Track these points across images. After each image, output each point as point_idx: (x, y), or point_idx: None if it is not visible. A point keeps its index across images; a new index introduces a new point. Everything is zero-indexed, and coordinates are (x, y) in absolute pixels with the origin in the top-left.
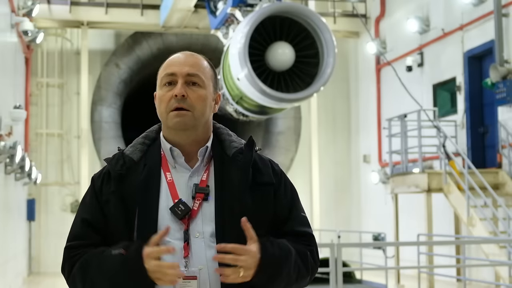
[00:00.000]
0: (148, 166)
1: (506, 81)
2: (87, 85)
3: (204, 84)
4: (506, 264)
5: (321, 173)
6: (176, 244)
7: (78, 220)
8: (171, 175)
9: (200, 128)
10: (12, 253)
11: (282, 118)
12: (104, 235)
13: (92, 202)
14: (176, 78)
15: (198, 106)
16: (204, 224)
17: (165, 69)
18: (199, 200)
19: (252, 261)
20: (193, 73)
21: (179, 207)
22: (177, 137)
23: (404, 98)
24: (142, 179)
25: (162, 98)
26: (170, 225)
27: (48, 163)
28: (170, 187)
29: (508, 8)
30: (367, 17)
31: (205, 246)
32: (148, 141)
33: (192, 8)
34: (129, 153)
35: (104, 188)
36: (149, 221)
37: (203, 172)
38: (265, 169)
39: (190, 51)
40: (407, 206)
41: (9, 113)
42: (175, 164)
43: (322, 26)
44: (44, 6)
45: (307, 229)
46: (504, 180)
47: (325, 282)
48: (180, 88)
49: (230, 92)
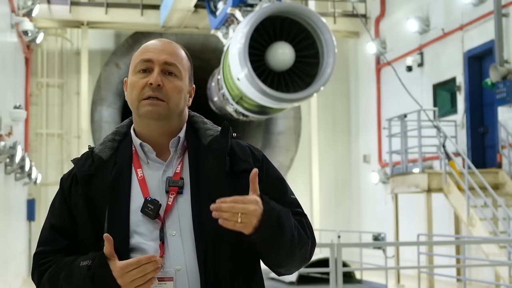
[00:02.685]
0: (118, 164)
1: (506, 81)
2: (87, 85)
3: (181, 75)
4: (506, 264)
5: (321, 173)
6: (151, 245)
7: (46, 225)
8: (142, 172)
9: (172, 120)
10: (12, 253)
11: (282, 118)
12: (73, 239)
13: (61, 205)
14: (152, 66)
15: (173, 97)
16: (181, 220)
17: (140, 54)
18: (173, 194)
19: (253, 208)
20: (171, 62)
21: (148, 206)
22: (148, 127)
23: (404, 98)
24: (112, 179)
25: (134, 85)
26: (145, 225)
27: (48, 163)
28: (141, 184)
29: (508, 8)
30: (367, 17)
31: (182, 245)
32: (119, 137)
33: (192, 8)
34: (98, 151)
35: (72, 190)
36: (119, 223)
37: (177, 164)
38: (243, 156)
39: (190, 51)
40: (407, 206)
41: (9, 113)
42: (147, 159)
43: (322, 26)
44: (44, 6)
45: (299, 209)
46: (504, 180)
47: (325, 282)
48: (156, 77)
49: (230, 92)
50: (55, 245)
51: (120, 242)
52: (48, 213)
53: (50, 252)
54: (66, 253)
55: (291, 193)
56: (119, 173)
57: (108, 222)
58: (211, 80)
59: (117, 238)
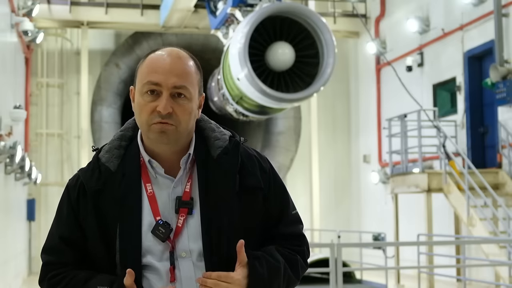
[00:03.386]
0: (126, 177)
1: (506, 81)
2: (87, 85)
3: (191, 96)
4: (506, 264)
5: (321, 173)
6: (163, 265)
7: (55, 233)
8: (152, 187)
9: (182, 139)
10: (12, 253)
11: (282, 118)
12: (82, 251)
13: (69, 215)
14: (161, 89)
15: (183, 120)
16: (190, 242)
17: (148, 74)
18: (183, 216)
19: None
20: (180, 85)
21: (160, 230)
22: (157, 148)
23: (404, 98)
24: (122, 194)
25: (143, 108)
26: (154, 245)
27: (48, 163)
28: (151, 201)
29: (508, 8)
30: (367, 17)
31: (194, 268)
32: (125, 142)
33: (192, 8)
34: (105, 160)
35: (81, 201)
36: (131, 242)
37: (186, 182)
38: (252, 168)
39: (190, 51)
40: (407, 206)
41: (9, 113)
42: (155, 174)
43: (322, 26)
44: (44, 6)
45: (298, 229)
46: (504, 180)
47: (325, 282)
48: (166, 104)
49: (230, 92)
50: (63, 257)
51: (133, 261)
52: (56, 220)
53: (58, 264)
54: (74, 266)
55: (293, 208)
56: (128, 188)
57: (120, 240)
58: (211, 80)
59: (130, 256)
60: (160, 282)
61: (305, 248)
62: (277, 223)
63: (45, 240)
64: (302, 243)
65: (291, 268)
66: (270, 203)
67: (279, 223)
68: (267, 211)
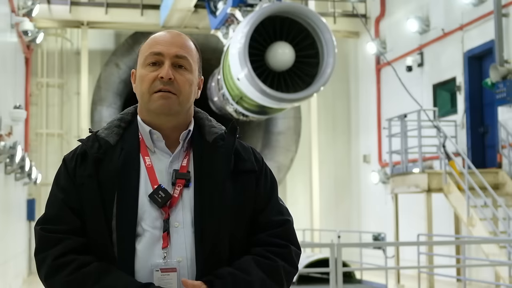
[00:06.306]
0: (125, 150)
1: (506, 81)
2: (87, 85)
3: (191, 68)
4: (506, 264)
5: (321, 173)
6: (154, 233)
7: (54, 200)
8: (150, 160)
9: (182, 113)
10: (12, 253)
11: (282, 118)
12: (82, 220)
13: (68, 184)
14: (163, 59)
15: (184, 90)
16: (184, 213)
17: (150, 47)
18: (180, 186)
19: None
20: (181, 55)
21: (159, 194)
22: (157, 120)
23: (404, 98)
24: (121, 164)
25: (144, 78)
26: (149, 212)
27: (48, 163)
28: (149, 172)
29: (508, 8)
30: (367, 17)
31: (184, 237)
32: (124, 124)
33: (192, 8)
34: (105, 135)
35: (78, 170)
36: (129, 208)
37: (183, 158)
38: (247, 155)
39: None
40: (407, 206)
41: (9, 113)
42: (154, 148)
43: (322, 26)
44: (44, 6)
45: (284, 217)
46: (504, 180)
47: (325, 282)
48: (168, 70)
49: (230, 92)
50: (70, 224)
51: (128, 230)
52: (54, 190)
53: (65, 232)
54: (80, 234)
55: (279, 200)
56: (127, 159)
57: (117, 208)
58: (211, 80)
59: (125, 225)
60: (152, 248)
61: (290, 249)
62: (263, 210)
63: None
64: (288, 237)
65: (272, 278)
66: (261, 190)
67: (265, 210)
68: (256, 198)
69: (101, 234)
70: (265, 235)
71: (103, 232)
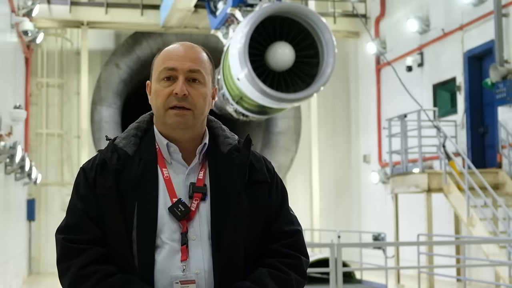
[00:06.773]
0: (143, 161)
1: (506, 81)
2: (87, 85)
3: (205, 81)
4: (506, 264)
5: (321, 173)
6: (173, 246)
7: (75, 209)
8: (168, 172)
9: (197, 126)
10: (12, 253)
11: (282, 118)
12: (102, 230)
13: (88, 194)
14: (177, 74)
15: (199, 104)
16: (201, 226)
17: (163, 62)
18: (197, 200)
19: None
20: (195, 69)
21: (179, 207)
22: (173, 133)
23: (404, 98)
24: (139, 175)
25: (159, 93)
26: (168, 225)
27: (48, 163)
28: (167, 184)
29: (508, 8)
30: (367, 17)
31: (202, 249)
32: (140, 133)
33: (192, 8)
34: (123, 145)
35: (98, 180)
36: (149, 220)
37: (199, 170)
38: (259, 166)
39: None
40: (407, 206)
41: (9, 113)
42: (171, 160)
43: (322, 26)
44: (44, 6)
45: (295, 227)
46: (504, 180)
47: (325, 282)
48: (182, 86)
49: (230, 92)
50: (90, 233)
51: (148, 241)
52: (74, 200)
53: (86, 242)
54: (100, 244)
55: (290, 209)
56: (146, 170)
57: (138, 217)
58: None
59: (146, 237)
60: (171, 260)
61: (301, 260)
62: (275, 220)
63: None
64: (298, 247)
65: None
66: (273, 199)
67: (277, 220)
68: (269, 207)
69: (122, 245)
70: (277, 246)
71: (124, 243)
